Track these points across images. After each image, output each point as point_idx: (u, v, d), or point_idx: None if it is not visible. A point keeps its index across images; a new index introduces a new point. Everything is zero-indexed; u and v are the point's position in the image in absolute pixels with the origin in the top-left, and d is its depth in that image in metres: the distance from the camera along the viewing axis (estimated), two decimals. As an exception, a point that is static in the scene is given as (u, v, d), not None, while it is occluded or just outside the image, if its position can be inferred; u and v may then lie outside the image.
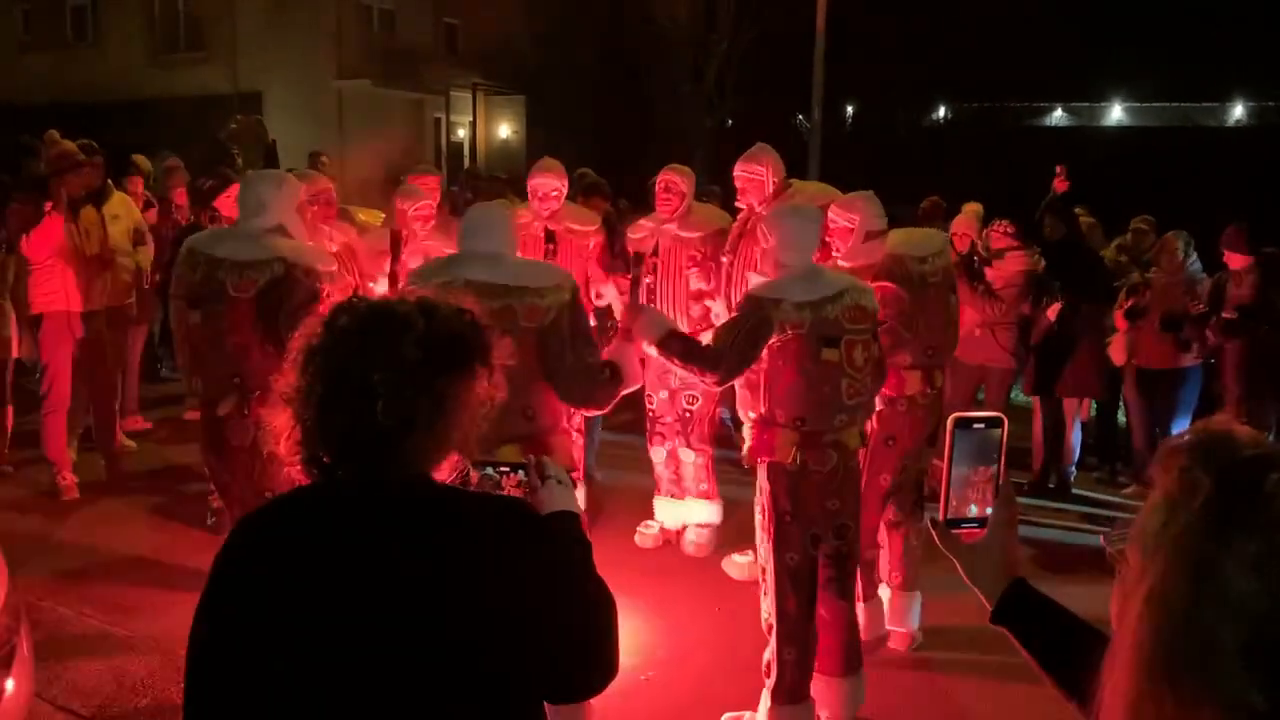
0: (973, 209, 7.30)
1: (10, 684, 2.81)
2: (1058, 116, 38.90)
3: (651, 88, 24.55)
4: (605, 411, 4.13)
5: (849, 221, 4.44)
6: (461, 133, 26.82)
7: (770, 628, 3.81)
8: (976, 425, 1.41)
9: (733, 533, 5.57)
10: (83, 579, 5.09)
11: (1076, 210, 8.26)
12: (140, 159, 8.97)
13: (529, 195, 5.63)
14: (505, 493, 1.82)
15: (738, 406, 4.00)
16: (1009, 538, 1.43)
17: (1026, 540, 6.18)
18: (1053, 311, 6.71)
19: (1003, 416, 1.42)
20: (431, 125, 26.15)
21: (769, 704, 3.80)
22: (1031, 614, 1.40)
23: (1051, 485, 7.07)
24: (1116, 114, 38.84)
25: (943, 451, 1.42)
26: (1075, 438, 7.10)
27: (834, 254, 4.48)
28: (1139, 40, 33.70)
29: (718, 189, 8.62)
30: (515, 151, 26.57)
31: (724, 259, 5.33)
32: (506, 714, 1.49)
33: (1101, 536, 1.46)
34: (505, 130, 27.31)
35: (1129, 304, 6.82)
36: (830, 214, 4.45)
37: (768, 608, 3.82)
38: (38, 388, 6.32)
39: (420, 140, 25.15)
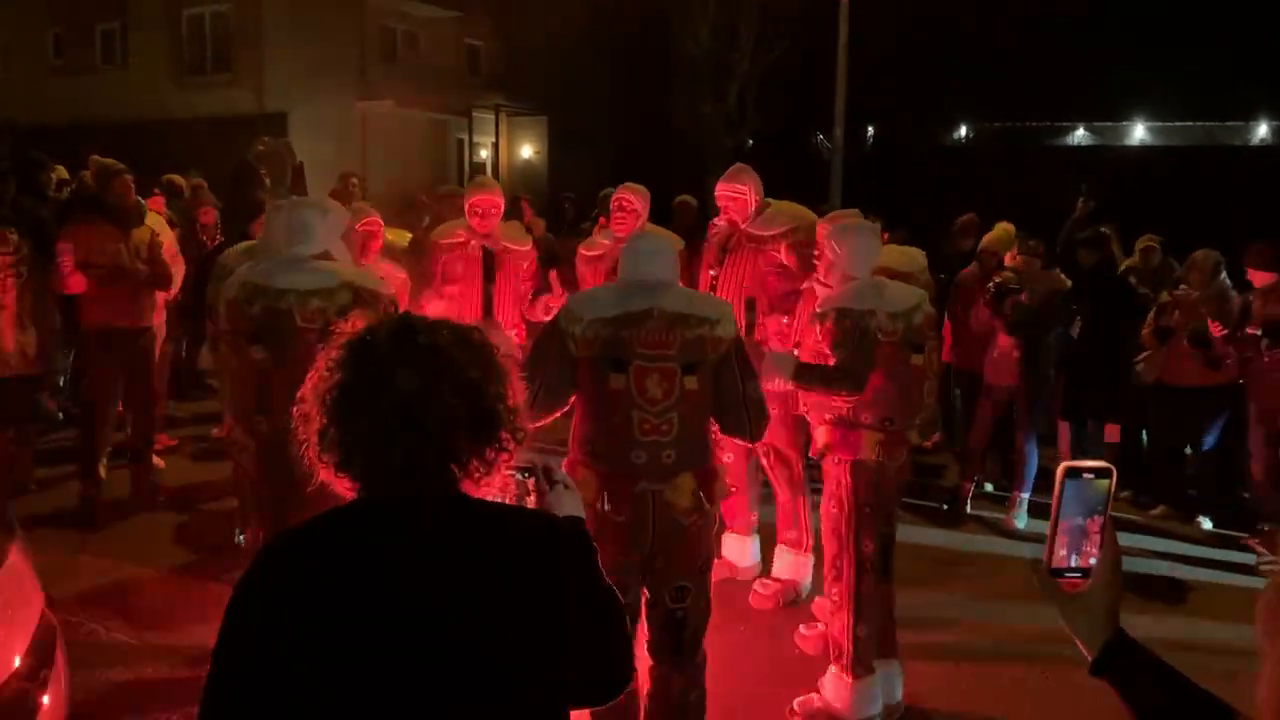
0: (1005, 228, 7.29)
1: (46, 699, 2.84)
2: (1080, 135, 38.74)
3: (673, 108, 24.62)
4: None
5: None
6: (484, 153, 26.97)
7: (842, 610, 4.07)
8: (1086, 475, 1.41)
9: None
10: (111, 594, 5.14)
11: (1104, 229, 8.24)
12: (176, 178, 9.08)
13: (467, 213, 5.51)
14: (530, 496, 1.84)
15: (805, 410, 4.15)
16: (1112, 589, 1.43)
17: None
18: (1075, 332, 6.70)
19: (1111, 468, 1.42)
20: (454, 146, 26.31)
21: (846, 678, 4.07)
22: (1134, 667, 1.40)
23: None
24: (1139, 133, 38.64)
25: (1051, 499, 1.42)
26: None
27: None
28: (1162, 59, 33.57)
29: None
30: (537, 171, 26.70)
31: (710, 273, 5.34)
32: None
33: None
34: (527, 150, 27.46)
35: (1157, 323, 6.79)
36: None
37: (839, 591, 4.08)
38: (75, 404, 6.40)
39: (443, 160, 25.31)
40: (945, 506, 6.90)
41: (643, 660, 3.44)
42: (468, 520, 1.56)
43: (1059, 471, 1.41)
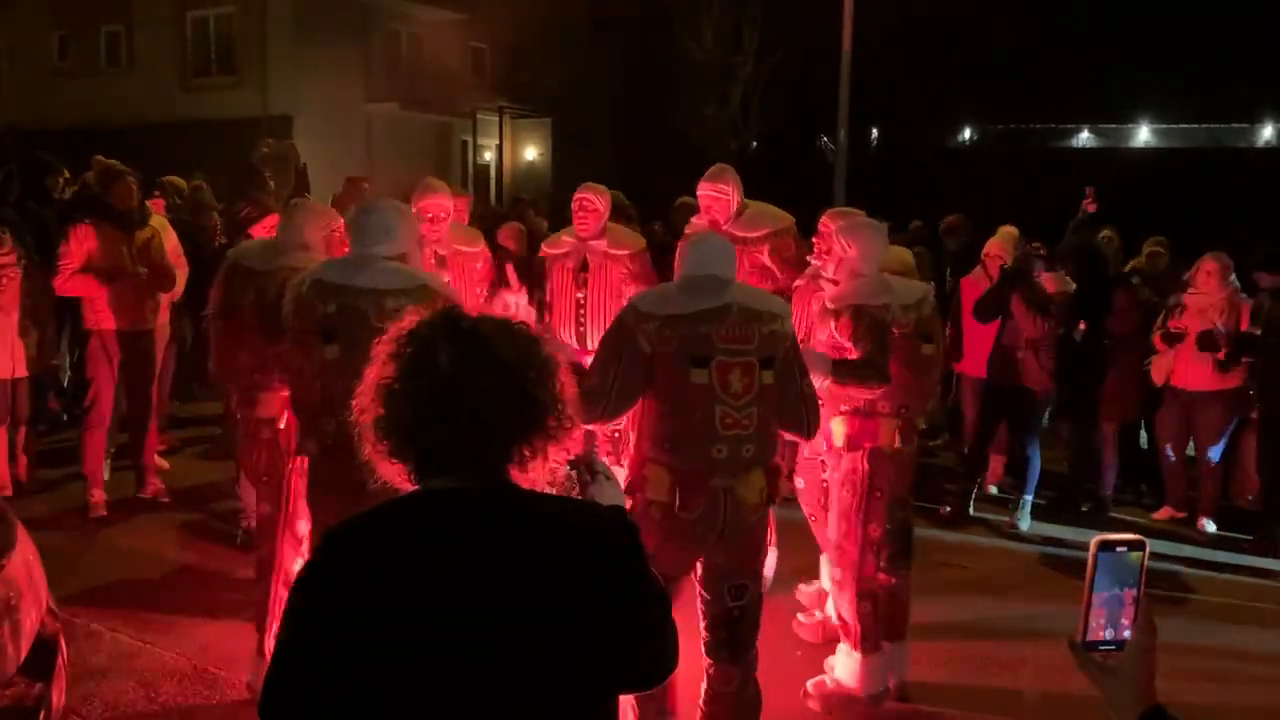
0: (1009, 232, 7.29)
1: (49, 700, 2.84)
2: (1084, 138, 38.70)
3: (677, 110, 24.64)
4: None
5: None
6: (488, 155, 27.04)
7: (846, 589, 4.24)
8: (1119, 548, 1.41)
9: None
10: (114, 596, 5.14)
11: (1105, 233, 8.23)
12: (176, 180, 9.10)
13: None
14: (581, 489, 1.89)
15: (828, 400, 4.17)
16: (1147, 661, 1.42)
17: (1058, 562, 6.16)
18: (1078, 334, 6.70)
19: (1144, 540, 1.42)
20: (459, 148, 26.37)
21: (857, 654, 4.23)
22: None
23: (1085, 509, 7.05)
24: (1144, 135, 38.59)
25: (1085, 574, 1.42)
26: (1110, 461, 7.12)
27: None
28: (1166, 61, 33.53)
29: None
30: (541, 173, 26.76)
31: None
32: (595, 707, 1.57)
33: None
34: (531, 152, 27.52)
35: (1167, 326, 6.78)
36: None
37: (843, 572, 4.25)
38: (78, 405, 6.41)
39: (448, 162, 25.35)
40: (947, 509, 6.89)
41: (694, 658, 3.42)
42: (516, 509, 1.60)
43: (1092, 545, 1.41)
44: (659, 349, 3.32)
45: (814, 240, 4.59)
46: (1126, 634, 1.42)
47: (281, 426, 4.34)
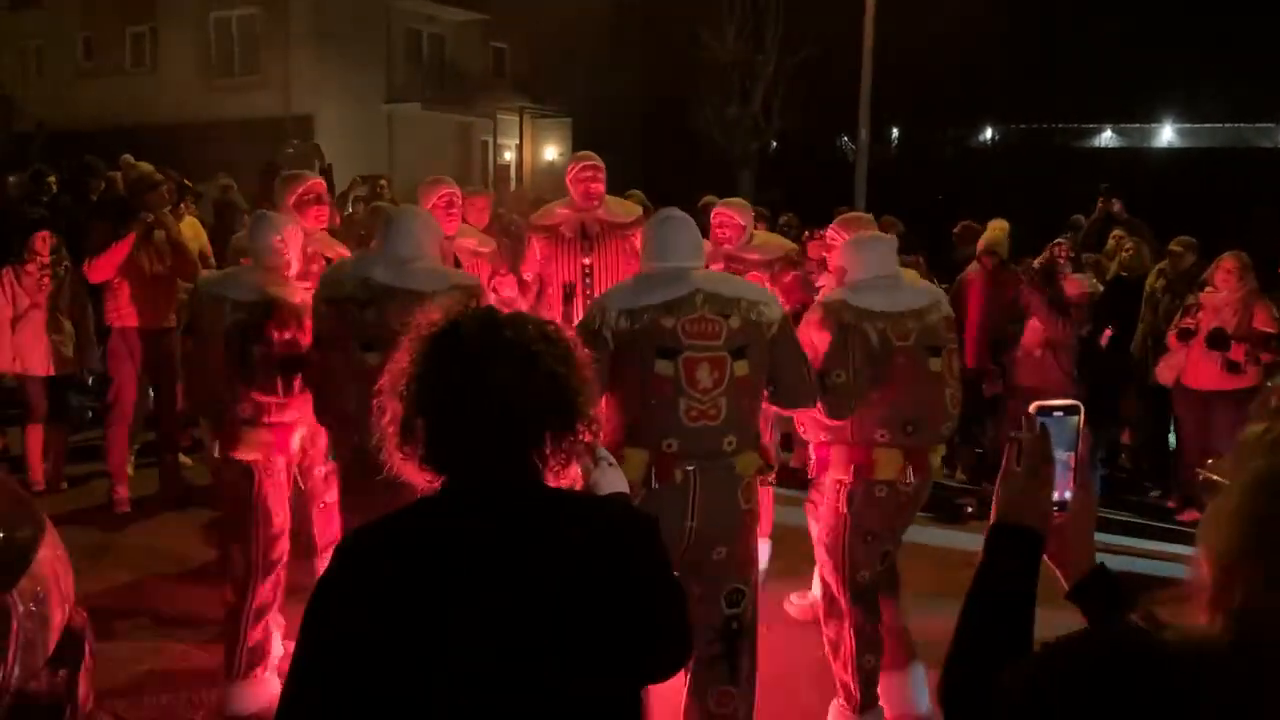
0: (1001, 225, 7.31)
1: (76, 695, 2.87)
2: (1107, 138, 38.45)
3: (698, 109, 24.62)
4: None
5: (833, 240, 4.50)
6: (508, 155, 27.10)
7: (842, 645, 3.88)
8: (1056, 412, 1.46)
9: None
10: (138, 591, 5.20)
11: (1116, 233, 8.18)
12: (187, 183, 9.18)
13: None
14: (584, 475, 1.88)
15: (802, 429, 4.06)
16: (1087, 519, 1.49)
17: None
18: (1104, 339, 6.67)
19: (1079, 404, 1.47)
20: (479, 147, 26.45)
21: (852, 716, 3.88)
22: (1106, 594, 1.46)
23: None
24: (1167, 135, 38.32)
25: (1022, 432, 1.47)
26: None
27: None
28: (1190, 60, 33.26)
29: (766, 211, 8.64)
30: (561, 173, 26.74)
31: None
32: (622, 700, 1.60)
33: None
34: (552, 152, 27.55)
35: (1182, 324, 6.74)
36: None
37: (835, 627, 3.92)
38: (100, 403, 6.48)
39: (468, 162, 25.43)
40: (970, 509, 6.86)
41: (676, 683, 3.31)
42: (548, 509, 1.61)
43: (1030, 409, 1.46)
44: (623, 342, 3.26)
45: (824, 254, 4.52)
46: (1068, 495, 1.47)
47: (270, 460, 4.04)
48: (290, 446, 4.04)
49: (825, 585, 3.98)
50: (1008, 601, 1.40)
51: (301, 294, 3.96)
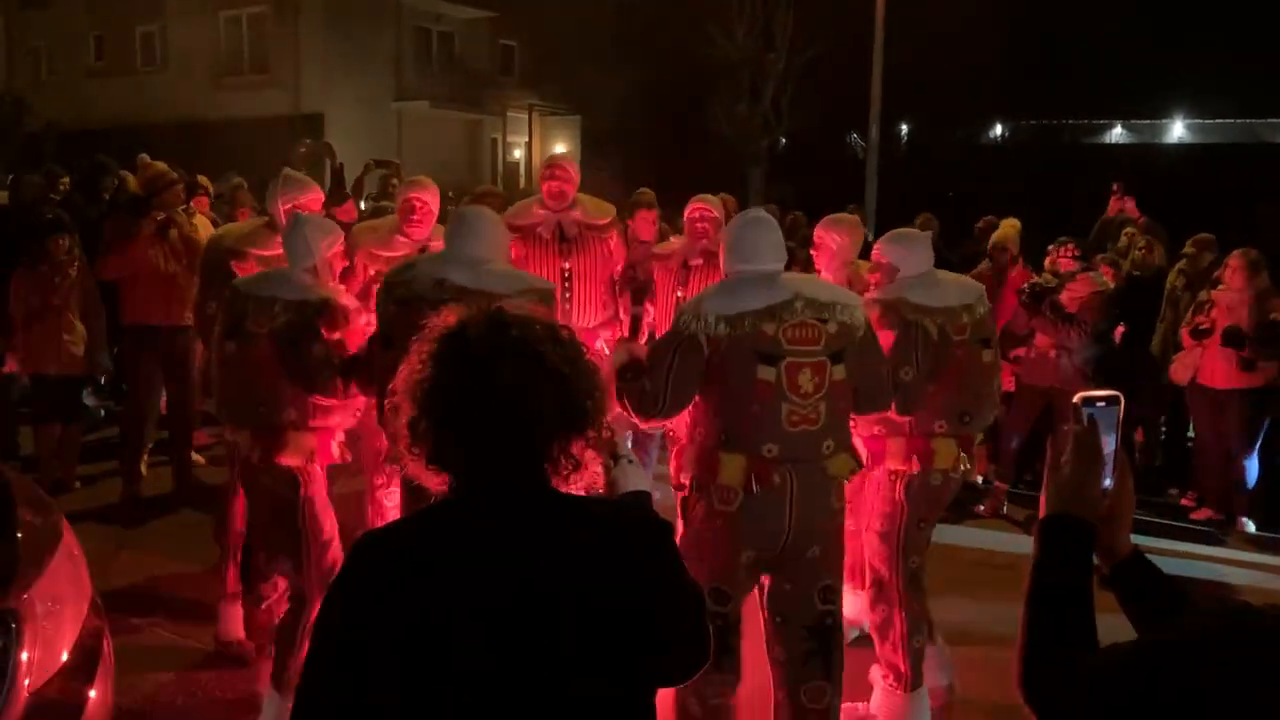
0: (1012, 223, 7.29)
1: (93, 694, 2.88)
2: (1118, 134, 38.28)
3: (707, 107, 24.59)
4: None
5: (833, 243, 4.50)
6: (518, 153, 27.11)
7: (892, 629, 3.96)
8: (1099, 403, 1.52)
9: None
10: (153, 591, 5.21)
11: (1129, 230, 8.15)
12: (203, 180, 9.21)
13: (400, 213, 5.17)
14: (605, 473, 1.87)
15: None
16: (1127, 508, 1.53)
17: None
18: (1118, 335, 6.65)
19: (1120, 394, 1.52)
20: (489, 145, 26.47)
21: (902, 694, 3.96)
22: (1144, 579, 1.51)
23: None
24: (1179, 131, 38.13)
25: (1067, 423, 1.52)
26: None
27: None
28: (1202, 55, 33.08)
29: (776, 208, 8.63)
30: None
31: (678, 293, 5.36)
32: (635, 703, 1.59)
33: None
34: (561, 150, 27.55)
35: (1195, 322, 6.71)
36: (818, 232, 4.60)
37: (884, 609, 3.99)
38: (113, 402, 6.50)
39: (477, 160, 25.46)
40: (980, 508, 6.85)
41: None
42: (555, 512, 1.61)
43: (1076, 400, 1.52)
44: (721, 348, 3.26)
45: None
46: (1108, 483, 1.51)
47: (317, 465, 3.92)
48: (331, 452, 3.93)
49: (875, 571, 4.05)
50: (1071, 592, 1.43)
51: (345, 295, 3.95)
